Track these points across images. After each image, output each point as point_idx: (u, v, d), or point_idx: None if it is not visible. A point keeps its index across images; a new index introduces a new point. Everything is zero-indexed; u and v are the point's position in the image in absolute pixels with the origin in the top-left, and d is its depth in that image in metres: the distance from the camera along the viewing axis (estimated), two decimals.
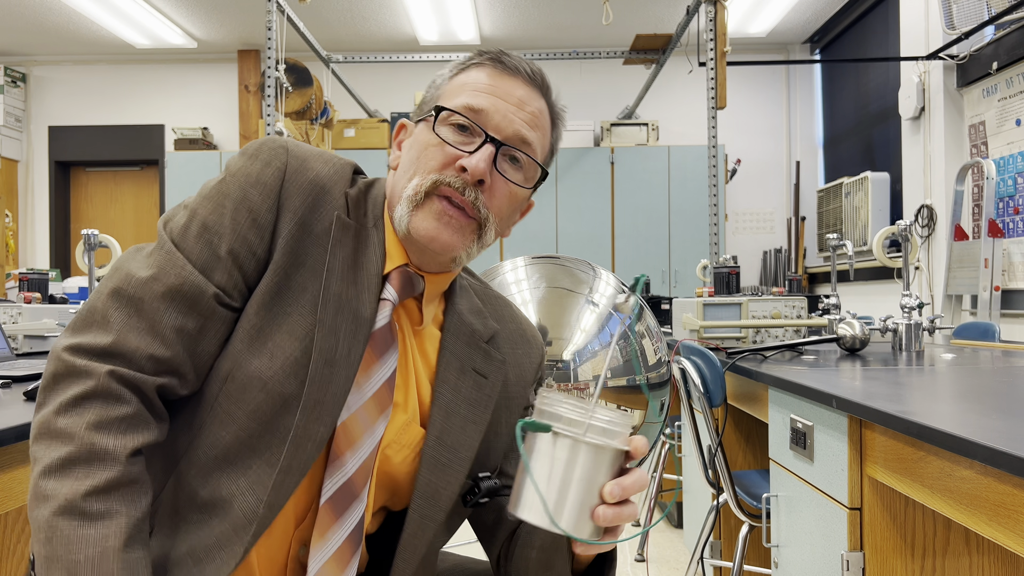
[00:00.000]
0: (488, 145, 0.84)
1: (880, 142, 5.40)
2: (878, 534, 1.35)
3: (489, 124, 0.85)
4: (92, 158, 6.77)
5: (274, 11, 3.72)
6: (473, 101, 0.85)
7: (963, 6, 3.78)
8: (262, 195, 0.81)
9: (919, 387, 1.47)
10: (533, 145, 0.88)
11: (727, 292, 2.61)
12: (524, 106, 0.87)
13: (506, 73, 0.87)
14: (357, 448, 0.82)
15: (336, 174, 0.86)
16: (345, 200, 0.85)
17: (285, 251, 0.81)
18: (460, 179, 0.83)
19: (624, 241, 6.01)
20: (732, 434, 2.35)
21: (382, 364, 0.84)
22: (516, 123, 0.86)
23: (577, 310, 1.57)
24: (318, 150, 0.88)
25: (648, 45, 4.85)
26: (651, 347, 1.65)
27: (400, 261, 0.87)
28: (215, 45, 6.47)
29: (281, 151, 0.84)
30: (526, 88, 0.88)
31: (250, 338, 0.80)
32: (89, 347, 0.75)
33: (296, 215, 0.82)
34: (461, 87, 0.87)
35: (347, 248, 0.84)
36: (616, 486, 0.69)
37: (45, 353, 2.19)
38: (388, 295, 0.86)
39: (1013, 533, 0.89)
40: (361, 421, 0.83)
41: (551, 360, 1.51)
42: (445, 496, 0.87)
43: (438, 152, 0.84)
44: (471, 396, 0.90)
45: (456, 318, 0.93)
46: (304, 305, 0.81)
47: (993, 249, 3.63)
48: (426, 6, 5.49)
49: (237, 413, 0.79)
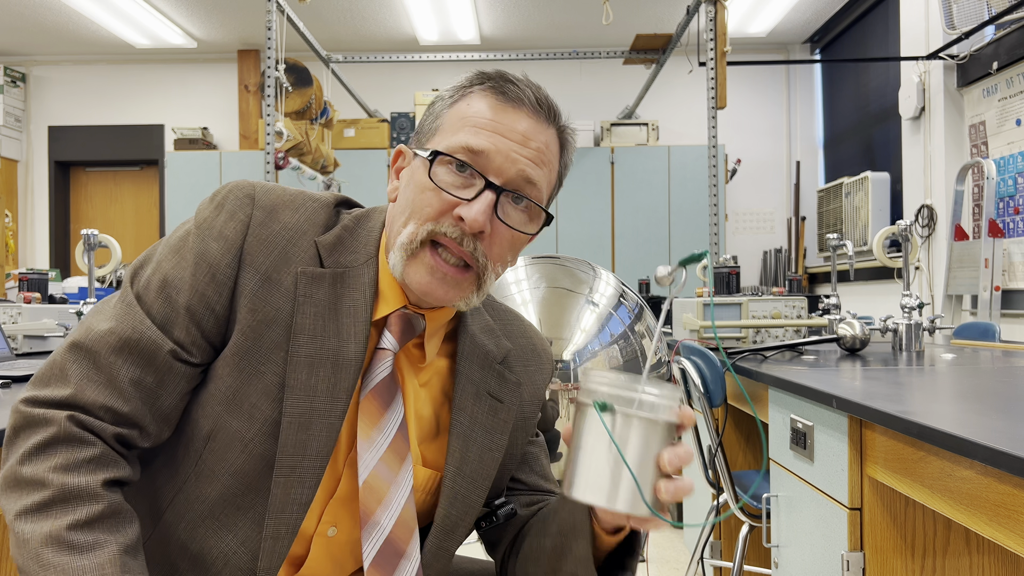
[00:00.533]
0: (488, 192, 0.78)
1: (880, 142, 5.40)
2: (878, 534, 1.35)
3: (490, 168, 0.78)
4: (92, 158, 6.77)
5: (274, 11, 3.72)
6: (473, 141, 0.78)
7: (963, 6, 3.78)
8: (223, 250, 0.78)
9: (919, 387, 1.47)
10: (538, 185, 0.81)
11: (727, 292, 2.61)
12: (529, 142, 0.80)
13: (509, 104, 0.81)
14: (388, 503, 0.80)
15: (307, 221, 0.81)
16: (316, 249, 0.81)
17: (250, 308, 0.78)
18: (457, 229, 0.78)
19: (624, 241, 6.01)
20: (732, 434, 2.35)
21: (390, 414, 0.82)
22: (520, 163, 0.79)
23: (577, 310, 1.57)
24: (291, 194, 0.83)
25: (648, 45, 4.85)
26: (651, 347, 1.65)
27: (397, 302, 0.83)
28: (215, 45, 6.47)
29: (247, 202, 0.80)
30: (531, 120, 0.81)
31: (227, 399, 0.78)
32: (47, 399, 0.74)
33: (259, 270, 0.78)
34: (461, 121, 0.80)
35: (320, 300, 0.79)
36: (673, 455, 0.68)
37: (45, 353, 2.20)
38: (387, 344, 0.82)
39: (1013, 533, 0.89)
40: (383, 476, 0.80)
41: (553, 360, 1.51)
42: (463, 527, 0.87)
43: (434, 198, 0.79)
44: (487, 423, 0.87)
45: (469, 341, 0.89)
46: (277, 363, 0.78)
47: (993, 249, 3.63)
48: (426, 6, 5.49)
49: (220, 472, 0.78)
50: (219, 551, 0.78)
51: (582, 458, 0.68)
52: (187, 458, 0.80)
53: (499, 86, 0.81)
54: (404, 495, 0.81)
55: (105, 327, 0.76)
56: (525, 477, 0.97)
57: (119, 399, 0.75)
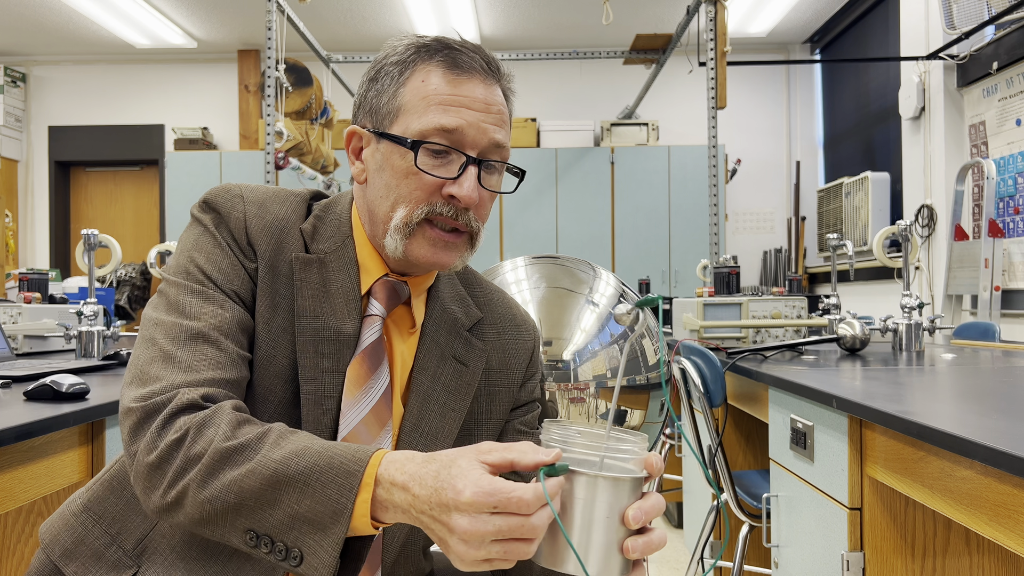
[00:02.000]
0: (471, 167, 0.83)
1: (880, 142, 5.40)
2: (878, 534, 1.35)
3: (465, 142, 0.83)
4: (92, 158, 6.77)
5: (274, 11, 3.72)
6: (444, 121, 0.82)
7: (963, 6, 3.78)
8: (233, 240, 0.84)
9: (919, 387, 1.47)
10: (506, 144, 0.87)
11: (727, 292, 2.61)
12: (491, 108, 0.85)
13: (464, 75, 0.84)
14: None
15: (292, 212, 0.87)
16: (302, 236, 0.86)
17: (262, 295, 0.83)
18: (451, 207, 0.83)
19: (624, 241, 6.01)
20: (732, 434, 2.35)
21: (376, 378, 0.85)
22: (489, 131, 0.84)
23: (577, 310, 1.57)
24: (273, 190, 0.89)
25: (648, 45, 4.85)
26: (651, 347, 1.65)
27: (379, 272, 0.88)
28: (215, 45, 6.46)
29: (238, 201, 0.85)
30: (485, 85, 0.85)
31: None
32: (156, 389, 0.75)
33: (265, 258, 0.84)
34: (423, 101, 0.83)
35: (313, 283, 0.85)
36: (638, 510, 0.66)
37: (45, 353, 2.19)
38: (375, 310, 0.86)
39: (1013, 533, 0.89)
40: (362, 438, 0.83)
41: (551, 360, 1.51)
42: None
43: (421, 182, 0.83)
44: (450, 383, 0.90)
45: (438, 306, 0.92)
46: (286, 346, 0.82)
47: (993, 249, 3.63)
48: (426, 6, 5.49)
49: None
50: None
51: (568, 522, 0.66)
52: None
53: (449, 57, 0.84)
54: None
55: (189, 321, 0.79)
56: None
57: (235, 370, 0.78)
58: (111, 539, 0.85)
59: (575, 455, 0.66)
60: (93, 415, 1.23)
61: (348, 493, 0.66)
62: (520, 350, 0.98)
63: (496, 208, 5.97)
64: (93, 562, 0.85)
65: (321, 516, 0.66)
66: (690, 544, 2.72)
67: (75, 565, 0.85)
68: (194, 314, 0.79)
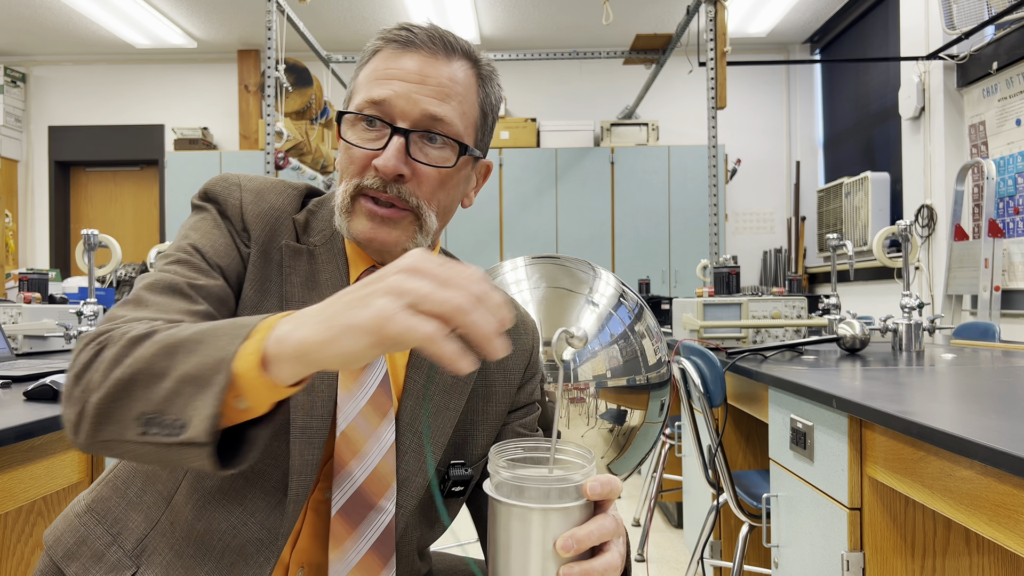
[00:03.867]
0: (396, 137, 0.81)
1: (880, 142, 5.40)
2: (878, 534, 1.35)
3: (394, 112, 0.82)
4: (92, 158, 6.77)
5: (274, 11, 3.72)
6: (373, 93, 0.82)
7: (963, 6, 3.78)
8: (229, 225, 0.85)
9: (919, 387, 1.47)
10: (446, 119, 0.83)
11: (727, 292, 2.61)
12: (427, 80, 0.82)
13: (403, 50, 0.83)
14: (364, 456, 0.82)
15: (287, 203, 0.88)
16: (294, 226, 0.87)
17: (251, 280, 0.83)
18: (378, 179, 0.82)
19: (624, 241, 6.01)
20: (732, 434, 2.35)
21: (371, 370, 0.84)
22: (422, 102, 0.81)
23: (577, 310, 1.56)
24: (271, 181, 0.90)
25: (648, 45, 4.85)
26: (651, 347, 1.65)
27: (365, 263, 0.88)
28: (215, 45, 6.46)
29: (235, 189, 0.87)
30: (426, 58, 0.83)
31: None
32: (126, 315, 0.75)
33: (258, 244, 0.84)
34: (366, 79, 0.85)
35: (302, 272, 0.85)
36: (569, 538, 0.62)
37: (45, 353, 2.19)
38: None
39: (1013, 533, 0.89)
40: (361, 429, 0.82)
41: (551, 360, 1.51)
42: (417, 483, 0.86)
43: (353, 156, 0.83)
44: (445, 382, 0.89)
45: None
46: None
47: (993, 249, 3.63)
48: (426, 6, 5.49)
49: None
50: (228, 524, 0.80)
51: (489, 551, 0.65)
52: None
53: (395, 35, 0.84)
54: (383, 450, 0.83)
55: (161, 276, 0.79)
56: None
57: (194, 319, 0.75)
58: (112, 539, 0.85)
59: (516, 484, 0.64)
60: None
61: (235, 340, 0.59)
62: (519, 350, 0.96)
63: (496, 208, 5.97)
64: (94, 563, 0.84)
65: (204, 370, 0.59)
66: (690, 544, 2.72)
67: (76, 566, 0.85)
68: (175, 272, 0.79)
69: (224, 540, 0.80)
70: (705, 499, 2.43)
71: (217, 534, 0.80)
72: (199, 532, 0.80)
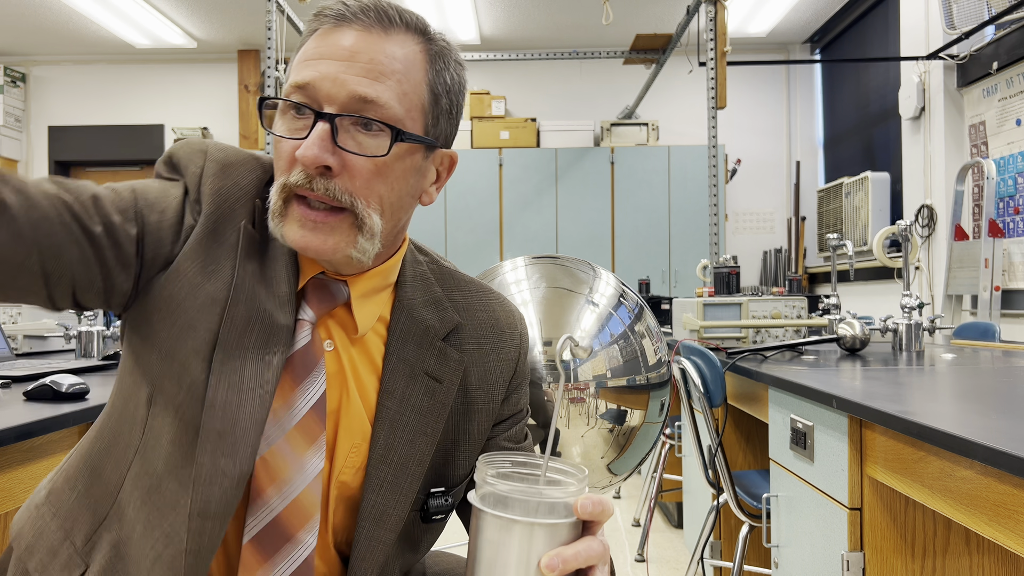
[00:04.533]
0: (320, 124, 0.70)
1: (880, 142, 5.40)
2: (878, 534, 1.35)
3: (320, 97, 0.71)
4: (92, 158, 6.77)
5: (274, 11, 3.72)
6: (297, 77, 0.72)
7: (963, 6, 3.78)
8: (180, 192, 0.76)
9: (919, 387, 1.47)
10: (380, 101, 0.71)
11: (727, 292, 2.61)
12: (357, 56, 0.71)
13: (333, 27, 0.73)
14: (284, 485, 0.74)
15: (253, 183, 0.78)
16: (254, 209, 0.77)
17: (193, 257, 0.74)
18: (302, 173, 0.71)
19: (624, 241, 6.01)
20: (732, 434, 2.35)
21: (304, 391, 0.76)
22: (350, 83, 0.71)
23: (577, 310, 1.56)
24: (243, 155, 0.80)
25: (648, 45, 4.85)
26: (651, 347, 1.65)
27: (313, 269, 0.78)
28: (215, 45, 6.46)
29: (199, 155, 0.77)
30: (360, 34, 0.72)
31: (161, 353, 0.73)
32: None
33: (209, 220, 0.75)
34: (295, 64, 0.75)
35: (255, 262, 0.76)
36: (555, 557, 0.59)
37: (45, 353, 2.19)
38: (304, 315, 0.77)
39: (1013, 533, 0.89)
40: (285, 455, 0.74)
41: (551, 360, 1.51)
42: (395, 516, 0.80)
43: (278, 149, 0.74)
44: (421, 405, 0.81)
45: (405, 315, 0.82)
46: (212, 320, 0.73)
47: (993, 249, 3.63)
48: (426, 6, 5.49)
49: (164, 440, 0.73)
50: (161, 531, 0.73)
51: (468, 564, 0.63)
52: (135, 427, 0.76)
53: (327, 11, 0.74)
54: (307, 479, 0.75)
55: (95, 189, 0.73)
56: None
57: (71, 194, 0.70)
58: (64, 535, 0.79)
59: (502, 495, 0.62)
60: (93, 415, 1.23)
61: None
62: (502, 361, 0.87)
63: (496, 208, 5.97)
64: (50, 558, 0.78)
65: None
66: (690, 544, 2.72)
67: (35, 561, 0.79)
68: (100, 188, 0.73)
69: (156, 549, 0.72)
70: (705, 499, 2.43)
71: (154, 537, 0.73)
72: (138, 535, 0.74)
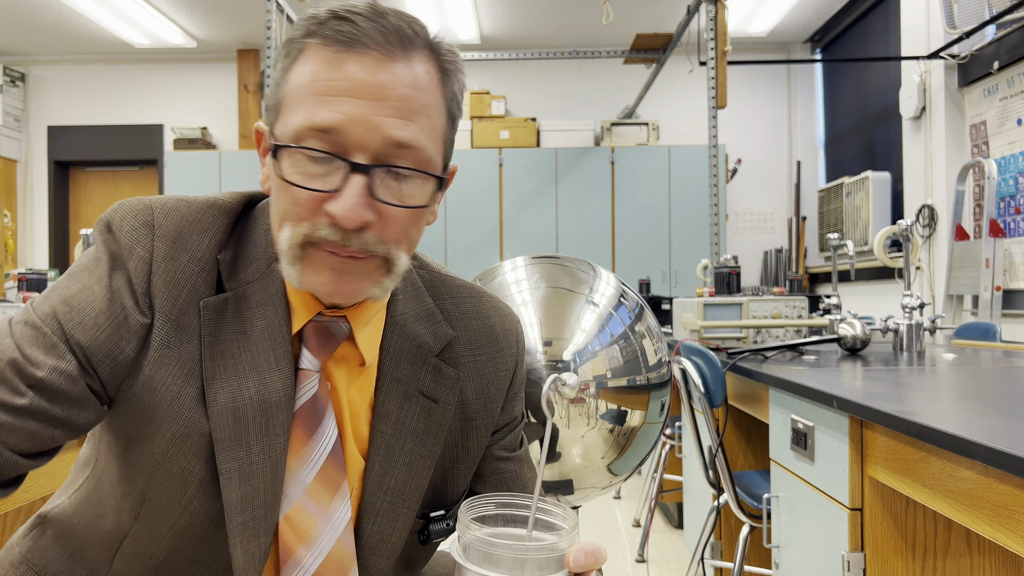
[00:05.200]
0: (356, 176, 0.64)
1: (881, 142, 5.40)
2: (879, 535, 1.35)
3: (350, 144, 0.64)
4: (91, 158, 6.77)
5: (274, 11, 3.72)
6: (318, 117, 0.63)
7: (964, 6, 3.77)
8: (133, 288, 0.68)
9: (920, 387, 1.46)
10: (416, 143, 0.66)
11: (728, 292, 2.60)
12: (387, 94, 0.64)
13: (347, 52, 0.64)
14: (314, 541, 0.72)
15: (212, 242, 0.70)
16: (217, 270, 0.70)
17: (163, 364, 0.67)
18: (335, 230, 0.65)
19: (624, 241, 6.01)
20: (732, 434, 2.35)
21: (317, 442, 0.72)
22: (384, 126, 0.64)
23: (577, 310, 1.56)
24: (196, 210, 0.71)
25: (648, 45, 4.85)
26: (651, 347, 1.65)
27: (309, 312, 0.72)
28: (214, 45, 6.46)
29: (145, 232, 0.68)
30: (381, 62, 0.64)
31: (155, 462, 0.69)
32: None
33: (170, 317, 0.68)
34: (299, 91, 0.65)
35: (229, 331, 0.69)
36: None
37: None
38: (306, 363, 0.72)
39: (1014, 533, 0.89)
40: (308, 511, 0.72)
41: (551, 360, 1.51)
42: (391, 543, 0.77)
43: (297, 196, 0.65)
44: (417, 426, 0.76)
45: (398, 333, 0.77)
46: (201, 420, 0.68)
47: (994, 249, 3.63)
48: (426, 6, 5.49)
49: (164, 531, 0.71)
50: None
51: None
52: (126, 511, 0.72)
53: (335, 28, 0.64)
54: (336, 531, 0.72)
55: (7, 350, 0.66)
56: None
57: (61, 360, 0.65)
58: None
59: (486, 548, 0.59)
60: None
61: None
62: (500, 371, 0.83)
63: (496, 208, 5.96)
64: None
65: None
66: (690, 545, 2.72)
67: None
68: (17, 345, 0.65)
69: None
70: (705, 499, 2.43)
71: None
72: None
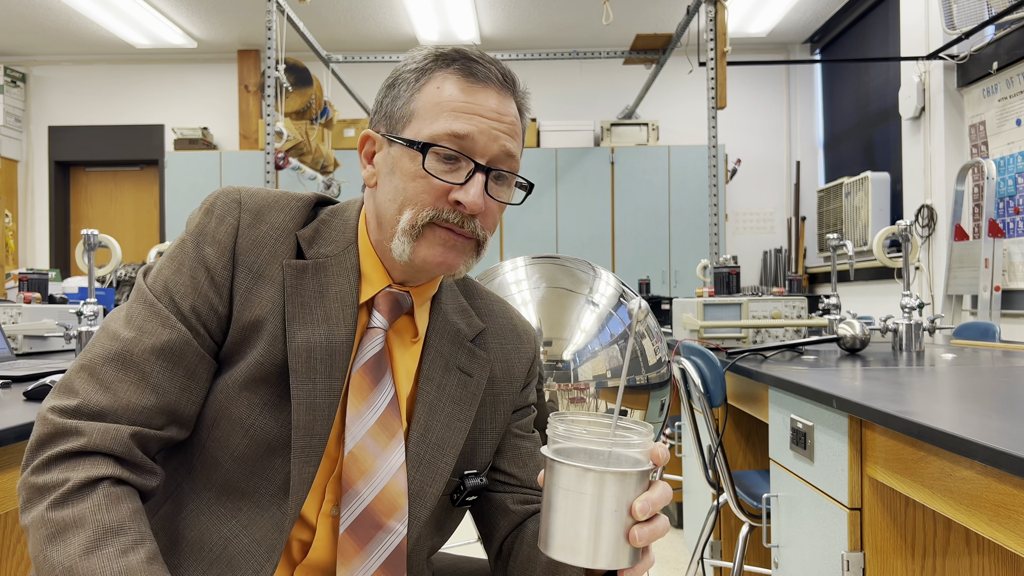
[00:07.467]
0: (479, 175, 0.83)
1: (880, 142, 5.40)
2: (878, 534, 1.35)
3: (476, 149, 0.83)
4: (92, 158, 6.77)
5: (274, 11, 3.72)
6: (455, 127, 0.82)
7: (963, 6, 3.78)
8: (217, 254, 0.83)
9: (919, 387, 1.46)
10: (516, 156, 0.87)
11: (727, 292, 2.61)
12: (503, 118, 0.85)
13: (479, 84, 0.84)
14: (371, 476, 0.83)
15: (291, 219, 0.87)
16: (297, 242, 0.86)
17: (246, 304, 0.83)
18: (457, 213, 0.83)
19: (624, 241, 6.01)
20: (732, 434, 2.35)
21: (379, 389, 0.85)
22: (500, 139, 0.84)
23: (577, 310, 1.56)
24: (275, 195, 0.89)
25: (648, 45, 4.85)
26: (651, 347, 1.65)
27: (382, 282, 0.88)
28: (215, 45, 6.46)
29: (234, 207, 0.85)
30: (500, 96, 0.86)
31: (230, 388, 0.82)
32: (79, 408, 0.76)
33: (252, 269, 0.84)
34: (437, 107, 0.84)
35: (308, 289, 0.85)
36: (645, 502, 0.67)
37: (45, 353, 2.19)
38: (377, 322, 0.87)
39: (1013, 533, 0.89)
40: (369, 449, 0.84)
41: (551, 360, 1.51)
42: (430, 494, 0.87)
43: (428, 185, 0.83)
44: (455, 394, 0.90)
45: (441, 318, 0.93)
46: (277, 351, 0.82)
47: (993, 249, 3.63)
48: (426, 6, 5.49)
49: (223, 458, 0.81)
50: (219, 536, 0.81)
51: (555, 517, 0.67)
52: (191, 449, 0.83)
53: (466, 67, 0.85)
54: (392, 469, 0.84)
55: (131, 334, 0.80)
56: (518, 472, 0.97)
57: (155, 395, 0.78)
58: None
59: (582, 448, 0.68)
60: None
61: None
62: (522, 358, 0.99)
63: None
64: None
65: None
66: (690, 544, 2.72)
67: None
68: (136, 326, 0.80)
69: (214, 551, 0.81)
70: (705, 499, 2.43)
71: (208, 544, 0.81)
72: (190, 540, 0.81)
